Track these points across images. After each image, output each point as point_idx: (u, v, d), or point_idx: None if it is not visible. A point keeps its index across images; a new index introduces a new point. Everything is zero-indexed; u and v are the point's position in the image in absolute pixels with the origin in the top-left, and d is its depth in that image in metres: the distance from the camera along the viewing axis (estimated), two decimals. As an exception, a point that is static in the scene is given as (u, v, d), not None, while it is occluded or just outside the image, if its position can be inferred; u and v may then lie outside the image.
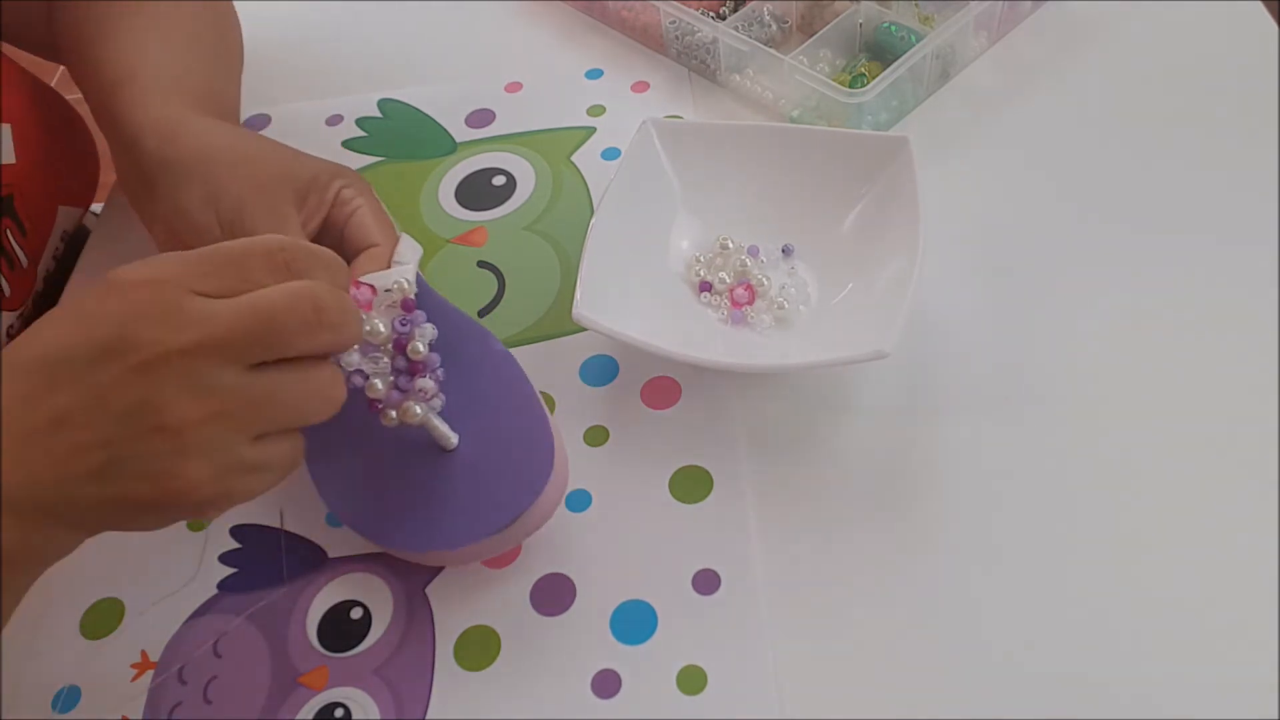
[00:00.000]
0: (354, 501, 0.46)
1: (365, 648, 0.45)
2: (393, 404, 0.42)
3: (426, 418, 0.43)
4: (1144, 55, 0.64)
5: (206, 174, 0.45)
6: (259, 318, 0.34)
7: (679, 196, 0.56)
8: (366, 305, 0.42)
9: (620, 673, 0.43)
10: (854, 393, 0.51)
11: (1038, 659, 0.42)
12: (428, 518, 0.44)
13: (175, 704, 0.44)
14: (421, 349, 0.42)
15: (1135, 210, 0.57)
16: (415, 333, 0.43)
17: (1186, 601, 0.43)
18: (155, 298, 0.33)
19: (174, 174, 0.45)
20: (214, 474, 0.34)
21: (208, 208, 0.44)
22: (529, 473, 0.44)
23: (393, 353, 0.43)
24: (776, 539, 0.46)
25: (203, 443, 0.34)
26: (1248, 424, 0.47)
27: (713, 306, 0.54)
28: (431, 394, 0.43)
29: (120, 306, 0.33)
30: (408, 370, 0.43)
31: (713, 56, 0.65)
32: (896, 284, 0.48)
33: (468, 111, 0.67)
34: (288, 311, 0.35)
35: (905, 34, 0.63)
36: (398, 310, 0.43)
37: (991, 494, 0.47)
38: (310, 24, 0.75)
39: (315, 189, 0.46)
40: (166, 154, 0.45)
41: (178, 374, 0.33)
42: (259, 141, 0.48)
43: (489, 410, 0.46)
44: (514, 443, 0.45)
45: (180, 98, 0.49)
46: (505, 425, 0.46)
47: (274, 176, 0.46)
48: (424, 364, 0.43)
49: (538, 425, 0.45)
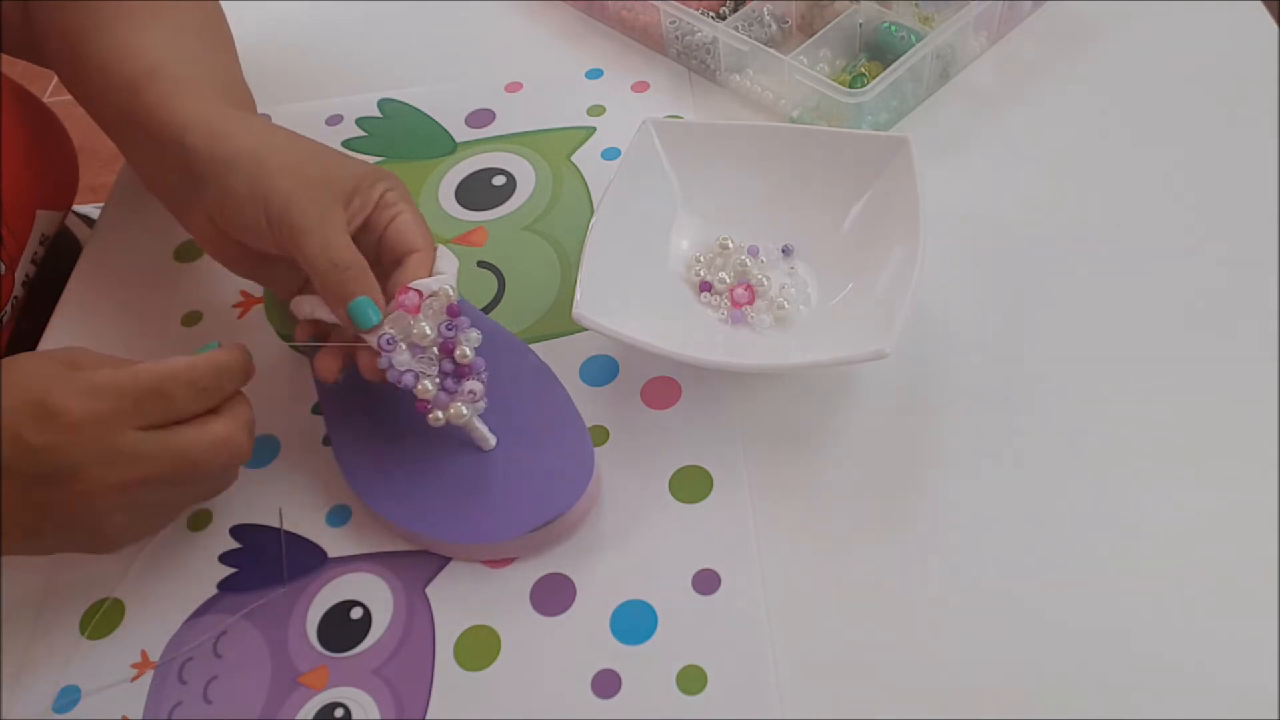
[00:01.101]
0: (387, 490, 0.47)
1: (365, 648, 0.45)
2: (440, 405, 0.45)
3: (471, 419, 0.46)
4: (1144, 55, 0.64)
5: (257, 170, 0.45)
6: (184, 462, 0.42)
7: (679, 196, 0.56)
8: (414, 309, 0.44)
9: (620, 673, 0.43)
10: (854, 392, 0.51)
11: (1038, 658, 0.42)
12: (466, 512, 0.46)
13: (175, 704, 0.44)
14: (469, 353, 0.45)
15: (1135, 210, 0.57)
16: (461, 338, 0.45)
17: (1187, 601, 0.43)
18: (95, 439, 0.40)
19: (224, 170, 0.46)
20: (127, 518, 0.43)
21: (256, 203, 0.45)
22: (569, 475, 0.46)
23: (438, 356, 0.45)
24: (776, 539, 0.46)
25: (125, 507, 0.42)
26: (1248, 422, 0.47)
27: (713, 306, 0.54)
28: (479, 396, 0.45)
29: (69, 441, 0.40)
30: (454, 373, 0.45)
31: (713, 56, 0.65)
32: (896, 284, 0.48)
33: (468, 111, 0.67)
34: (208, 461, 0.43)
35: (905, 34, 0.63)
36: (443, 315, 0.45)
37: (992, 493, 0.47)
38: (310, 24, 0.75)
39: (360, 191, 0.47)
40: (216, 151, 0.46)
41: (113, 503, 0.41)
42: (307, 141, 0.49)
43: (526, 416, 0.49)
44: (553, 447, 0.48)
45: (213, 92, 0.50)
46: (544, 431, 0.48)
47: (322, 176, 0.46)
48: (470, 367, 0.45)
49: (576, 431, 0.48)
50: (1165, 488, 0.46)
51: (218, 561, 0.48)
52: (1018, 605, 0.43)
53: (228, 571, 0.48)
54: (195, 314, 0.58)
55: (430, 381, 0.44)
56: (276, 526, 0.49)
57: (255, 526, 0.49)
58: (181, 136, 0.47)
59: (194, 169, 0.46)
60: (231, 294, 0.59)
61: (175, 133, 0.47)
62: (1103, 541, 0.45)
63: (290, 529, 0.49)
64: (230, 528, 0.49)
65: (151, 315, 0.58)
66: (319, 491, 0.50)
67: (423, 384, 0.44)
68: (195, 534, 0.49)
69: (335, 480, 0.50)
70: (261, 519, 0.49)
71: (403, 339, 0.44)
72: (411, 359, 0.44)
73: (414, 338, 0.44)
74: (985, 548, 0.45)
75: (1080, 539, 0.45)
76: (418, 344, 0.44)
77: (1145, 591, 0.43)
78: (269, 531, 0.49)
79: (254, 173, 0.45)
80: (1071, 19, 0.67)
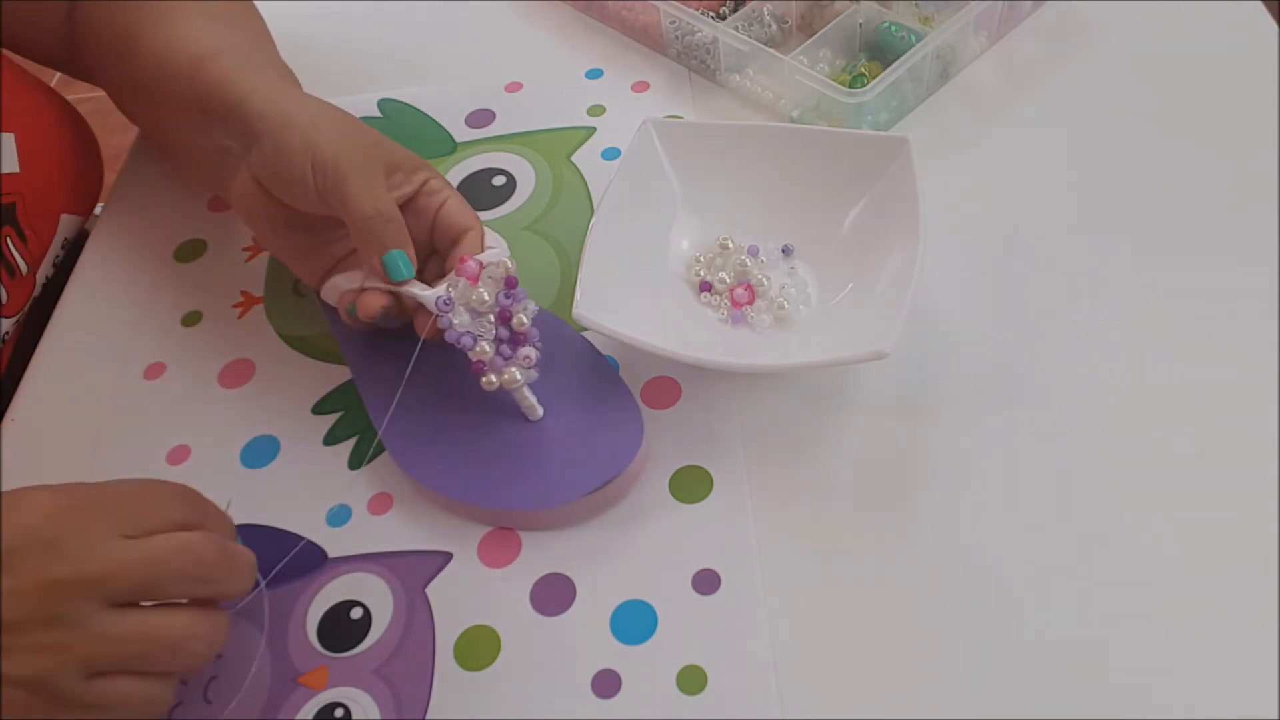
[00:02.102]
0: (430, 458, 0.49)
1: (365, 648, 0.45)
2: (495, 368, 0.46)
3: (522, 386, 0.47)
4: (1144, 55, 0.64)
5: (312, 129, 0.47)
6: (142, 565, 0.37)
7: (679, 196, 0.56)
8: (474, 278, 0.46)
9: (620, 673, 0.43)
10: (854, 393, 0.51)
11: (1038, 658, 0.42)
12: (517, 480, 0.47)
13: (175, 704, 0.44)
14: (525, 320, 0.47)
15: (1135, 210, 0.57)
16: (517, 306, 0.47)
17: (1187, 601, 0.43)
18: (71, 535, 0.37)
19: (280, 128, 0.48)
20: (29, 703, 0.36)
21: (305, 155, 0.47)
22: (618, 442, 0.48)
23: (495, 323, 0.47)
24: (776, 539, 0.46)
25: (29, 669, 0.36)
26: (1248, 423, 0.47)
27: (713, 306, 0.54)
28: (534, 361, 0.47)
29: None
30: (510, 340, 0.47)
31: (713, 56, 0.65)
32: (896, 284, 0.48)
33: (468, 111, 0.67)
34: (165, 564, 0.38)
35: (905, 34, 0.63)
36: (500, 285, 0.47)
37: (991, 493, 0.47)
38: (310, 24, 0.75)
39: (402, 170, 0.49)
40: (276, 112, 0.48)
41: (41, 604, 0.36)
42: (359, 121, 0.51)
43: (571, 386, 0.50)
44: (601, 415, 0.49)
45: (271, 72, 0.53)
46: (591, 400, 0.50)
47: (371, 145, 0.49)
48: (526, 335, 0.47)
49: (624, 400, 0.50)
50: (1165, 488, 0.46)
51: (218, 561, 0.48)
52: (1018, 605, 0.43)
53: (228, 571, 0.48)
54: (195, 314, 0.58)
55: (488, 343, 0.46)
56: (276, 527, 0.49)
57: (255, 526, 0.49)
58: (245, 101, 0.49)
59: (252, 130, 0.48)
60: (232, 294, 0.59)
61: (238, 99, 0.49)
62: (1103, 541, 0.45)
63: (290, 529, 0.49)
64: (230, 528, 0.49)
65: (151, 315, 0.58)
66: (319, 491, 0.50)
67: (480, 345, 0.46)
68: (195, 534, 0.49)
69: (335, 480, 0.50)
70: (262, 519, 0.49)
71: (461, 303, 0.46)
72: (471, 322, 0.46)
73: (472, 303, 0.46)
74: (985, 548, 0.45)
75: (1080, 538, 0.45)
76: (476, 309, 0.46)
77: (1145, 592, 0.43)
78: (269, 531, 0.49)
79: (309, 130, 0.47)
80: (1071, 19, 0.67)
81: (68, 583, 0.36)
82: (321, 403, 0.53)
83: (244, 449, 0.52)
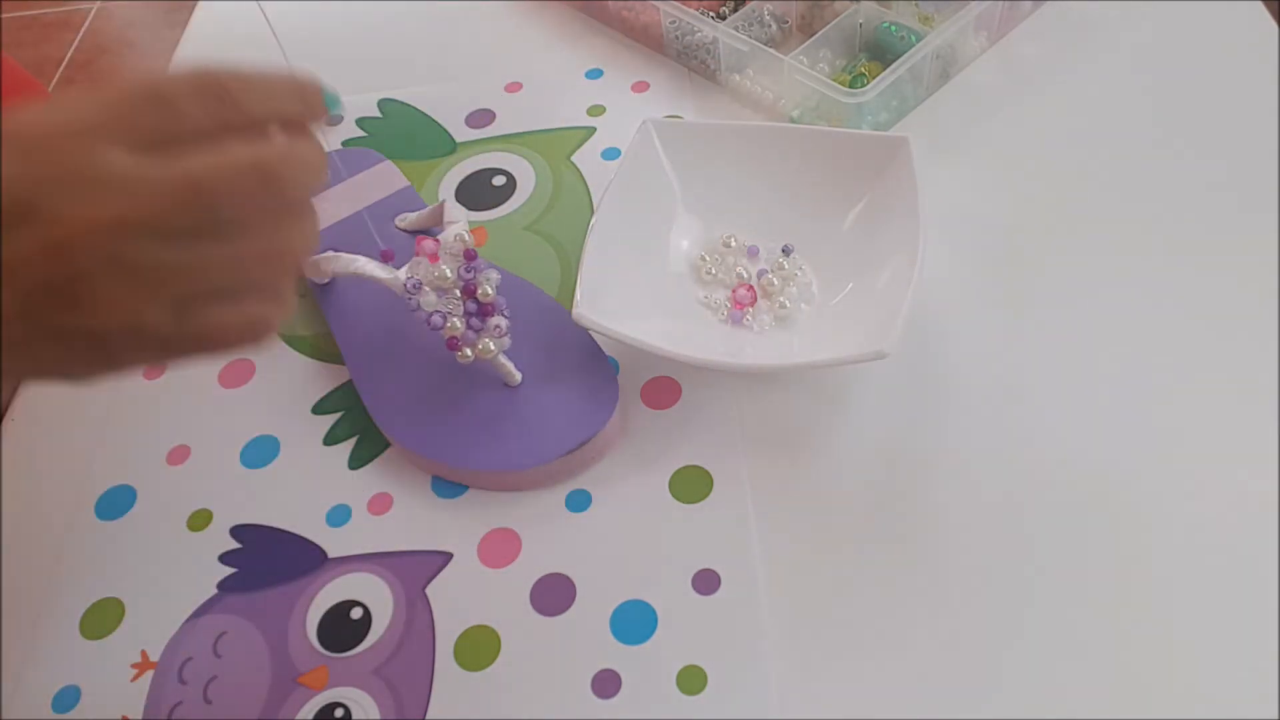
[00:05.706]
0: (413, 423, 0.50)
1: (365, 648, 0.45)
2: (468, 341, 0.47)
3: (498, 355, 0.48)
4: (1144, 55, 0.65)
5: None
6: (196, 192, 0.29)
7: (679, 196, 0.56)
8: (433, 257, 0.47)
9: (620, 673, 0.43)
10: (854, 393, 0.51)
11: (1038, 658, 0.42)
12: (495, 441, 0.48)
13: (175, 704, 0.44)
14: (490, 291, 0.47)
15: (1135, 210, 0.57)
16: (480, 278, 0.47)
17: (1187, 602, 0.43)
18: (69, 158, 0.28)
19: None
20: (139, 353, 0.30)
21: None
22: (595, 403, 0.49)
23: (461, 298, 0.47)
24: (776, 539, 0.46)
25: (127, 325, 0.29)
26: (1248, 423, 0.47)
27: (713, 306, 0.54)
28: (504, 330, 0.48)
29: (26, 169, 0.28)
30: (479, 312, 0.48)
31: (712, 56, 0.65)
32: (896, 284, 0.48)
33: (468, 111, 0.67)
34: (229, 189, 0.30)
35: (905, 34, 0.63)
36: (460, 260, 0.47)
37: (991, 494, 0.47)
38: (310, 24, 0.75)
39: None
40: None
41: (99, 254, 0.28)
42: None
43: (546, 351, 0.51)
44: (577, 378, 0.50)
45: None
46: (566, 363, 0.51)
47: None
48: (493, 305, 0.48)
49: (597, 361, 0.51)
50: (1166, 488, 0.46)
51: (218, 561, 0.48)
52: (1018, 605, 0.43)
53: (228, 571, 0.48)
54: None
55: (458, 319, 0.47)
56: (276, 527, 0.49)
57: (255, 526, 0.49)
58: None
59: None
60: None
61: None
62: (1103, 541, 0.45)
63: (290, 529, 0.49)
64: (230, 528, 0.49)
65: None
66: (319, 491, 0.50)
67: (451, 322, 0.47)
68: (195, 534, 0.49)
69: (335, 480, 0.50)
70: (262, 519, 0.49)
71: (426, 283, 0.47)
72: (438, 301, 0.47)
73: (436, 281, 0.47)
74: (985, 548, 0.45)
75: (1080, 538, 0.45)
76: (441, 287, 0.47)
77: (1146, 591, 0.43)
78: (269, 531, 0.49)
79: None
80: (1071, 19, 0.68)
81: (119, 226, 0.28)
82: (321, 403, 0.53)
83: (244, 449, 0.52)
